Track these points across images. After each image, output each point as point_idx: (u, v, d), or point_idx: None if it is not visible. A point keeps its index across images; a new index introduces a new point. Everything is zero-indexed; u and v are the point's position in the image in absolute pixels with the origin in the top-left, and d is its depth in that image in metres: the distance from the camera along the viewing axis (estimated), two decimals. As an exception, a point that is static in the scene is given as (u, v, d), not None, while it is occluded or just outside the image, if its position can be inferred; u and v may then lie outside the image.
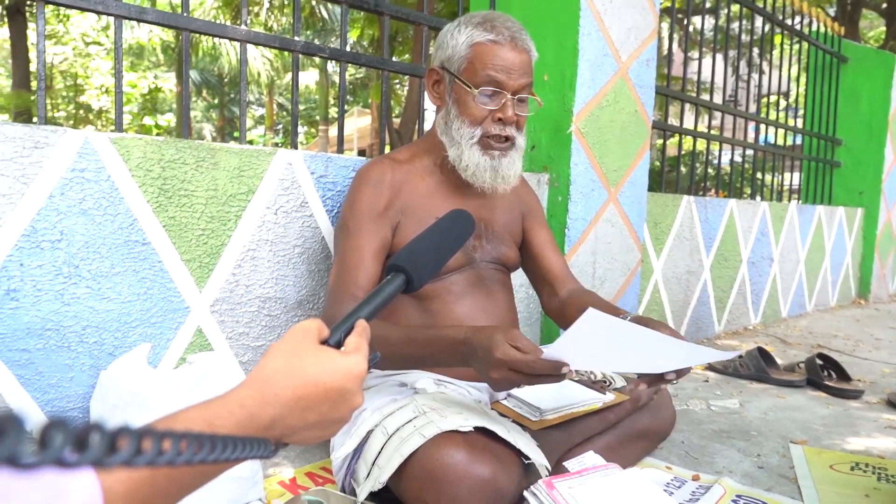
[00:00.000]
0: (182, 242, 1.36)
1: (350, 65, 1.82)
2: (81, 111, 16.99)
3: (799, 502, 1.28)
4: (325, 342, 0.57)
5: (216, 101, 19.99)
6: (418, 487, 1.02)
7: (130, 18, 1.37)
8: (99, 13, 1.33)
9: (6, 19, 10.09)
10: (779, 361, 2.35)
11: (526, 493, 1.09)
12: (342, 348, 0.58)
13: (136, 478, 0.41)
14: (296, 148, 1.62)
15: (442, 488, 0.99)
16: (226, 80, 17.78)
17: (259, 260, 1.47)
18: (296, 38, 1.65)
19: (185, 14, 1.46)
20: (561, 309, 1.41)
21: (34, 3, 1.16)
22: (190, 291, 1.37)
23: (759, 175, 3.59)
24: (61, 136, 1.20)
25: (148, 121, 16.90)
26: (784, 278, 3.61)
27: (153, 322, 1.33)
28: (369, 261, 1.21)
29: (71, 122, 16.61)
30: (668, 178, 9.34)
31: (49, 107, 16.27)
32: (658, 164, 9.14)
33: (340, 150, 1.72)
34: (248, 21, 1.60)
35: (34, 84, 1.25)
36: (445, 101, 1.28)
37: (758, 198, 3.68)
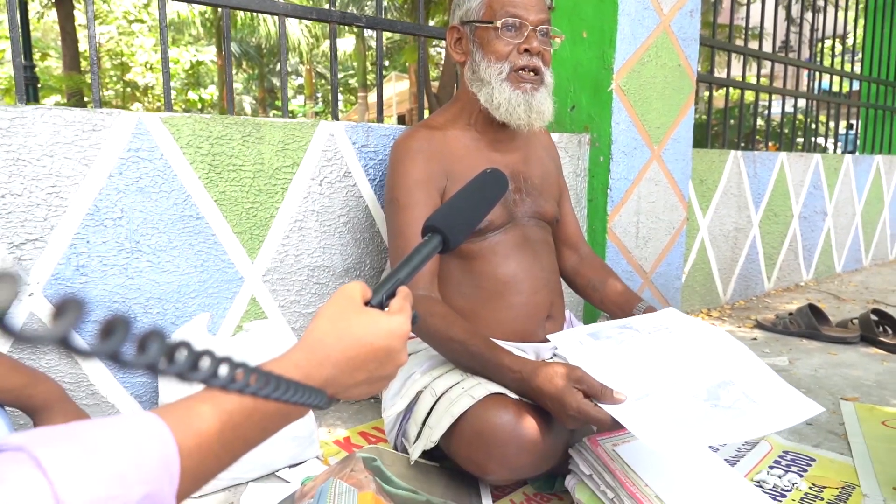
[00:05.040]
0: (233, 216, 1.41)
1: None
2: (129, 89, 17.40)
3: (848, 458, 1.28)
4: (367, 303, 0.60)
5: (255, 72, 20.13)
6: (468, 447, 1.05)
7: (173, -2, 1.41)
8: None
9: (55, 2, 10.35)
10: (831, 318, 2.30)
11: (571, 451, 1.11)
12: (386, 309, 0.61)
13: (206, 433, 0.45)
14: (337, 119, 1.64)
15: (491, 449, 1.03)
16: (264, 50, 17.85)
17: (306, 230, 1.52)
18: (331, 9, 1.66)
19: (224, -9, 1.49)
20: (573, 275, 1.47)
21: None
22: (243, 262, 1.43)
23: (812, 125, 3.44)
24: (116, 118, 1.25)
25: (192, 95, 17.21)
26: (839, 232, 3.49)
27: (210, 293, 1.39)
28: None
29: (119, 100, 17.04)
30: (717, 131, 9.03)
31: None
32: (705, 118, 8.83)
33: (380, 120, 1.74)
34: (285, -6, 1.61)
35: (84, 64, 1.29)
36: (470, 53, 1.29)
37: (813, 152, 3.54)
